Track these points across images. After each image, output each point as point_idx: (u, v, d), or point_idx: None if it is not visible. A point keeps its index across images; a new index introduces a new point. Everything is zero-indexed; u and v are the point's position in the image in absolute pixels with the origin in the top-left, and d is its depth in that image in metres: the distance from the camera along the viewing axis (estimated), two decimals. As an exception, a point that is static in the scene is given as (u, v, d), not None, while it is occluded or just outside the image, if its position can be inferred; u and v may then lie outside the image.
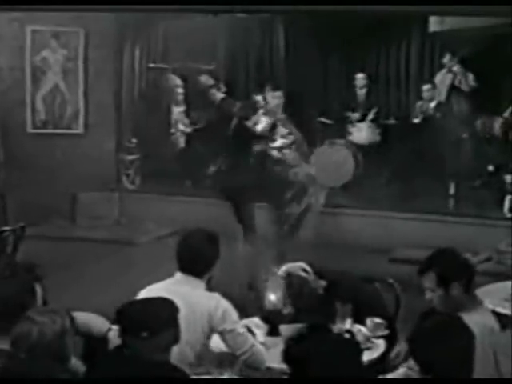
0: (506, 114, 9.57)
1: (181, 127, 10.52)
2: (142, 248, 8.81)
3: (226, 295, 3.99)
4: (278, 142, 7.66)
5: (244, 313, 4.40)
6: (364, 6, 7.11)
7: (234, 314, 3.87)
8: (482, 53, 9.84)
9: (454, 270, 3.70)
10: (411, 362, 2.96)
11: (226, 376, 3.74)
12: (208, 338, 3.87)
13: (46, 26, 9.73)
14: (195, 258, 3.97)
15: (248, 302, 4.71)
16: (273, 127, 7.70)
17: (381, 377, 3.48)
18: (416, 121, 10.16)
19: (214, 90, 10.50)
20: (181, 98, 10.59)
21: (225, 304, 3.86)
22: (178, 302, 3.28)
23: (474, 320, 3.05)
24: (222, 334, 3.85)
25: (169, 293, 3.52)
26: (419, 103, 10.29)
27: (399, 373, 3.27)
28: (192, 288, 3.87)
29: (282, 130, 7.70)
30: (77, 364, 3.24)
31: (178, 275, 3.98)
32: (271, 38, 11.66)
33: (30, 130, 9.96)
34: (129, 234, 9.29)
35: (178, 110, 10.56)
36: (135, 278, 6.10)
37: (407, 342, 2.98)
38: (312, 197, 7.76)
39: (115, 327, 3.23)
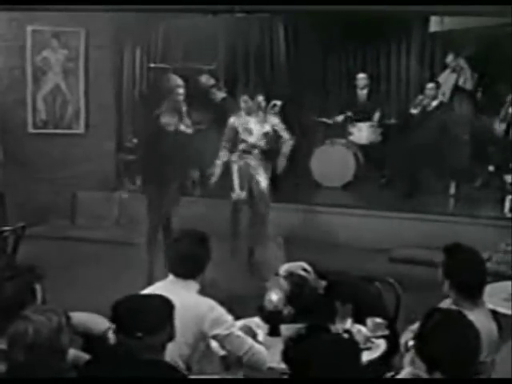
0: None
1: (182, 128, 10.49)
2: (141, 248, 8.79)
3: (225, 295, 3.98)
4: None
5: (244, 313, 4.42)
6: (365, 6, 7.13)
7: (227, 317, 3.84)
8: (482, 53, 9.85)
9: (446, 268, 3.73)
10: (418, 361, 2.97)
11: (230, 376, 3.74)
12: (199, 341, 3.84)
13: (46, 25, 9.72)
14: (186, 262, 3.94)
15: (248, 302, 4.70)
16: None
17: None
18: (413, 111, 10.12)
19: (214, 90, 10.52)
20: (181, 98, 10.57)
21: (217, 309, 3.83)
22: None
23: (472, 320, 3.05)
24: (217, 339, 3.83)
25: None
26: (420, 97, 10.25)
27: (406, 372, 3.27)
28: (185, 290, 3.84)
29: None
30: (78, 355, 3.24)
31: (171, 277, 3.96)
32: (271, 38, 11.66)
33: (30, 129, 9.95)
34: (128, 234, 9.25)
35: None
36: (135, 278, 6.11)
37: (413, 340, 2.98)
38: None
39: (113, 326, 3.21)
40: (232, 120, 7.82)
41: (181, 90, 10.54)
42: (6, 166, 8.78)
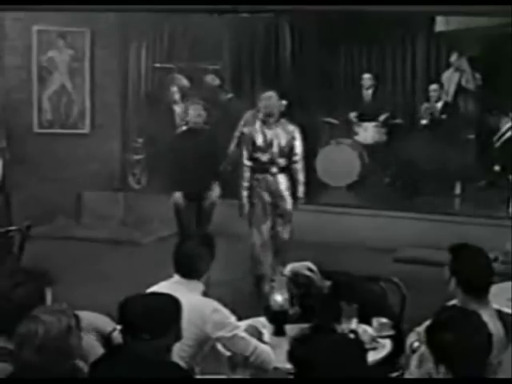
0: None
1: (184, 127, 10.48)
2: (147, 248, 8.82)
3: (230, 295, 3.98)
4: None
5: (249, 313, 4.42)
6: (370, 5, 7.12)
7: (231, 319, 3.85)
8: (487, 52, 9.84)
9: (452, 267, 3.72)
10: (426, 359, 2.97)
11: (237, 376, 3.74)
12: (202, 342, 3.84)
13: (52, 25, 9.74)
14: (192, 263, 3.97)
15: (253, 302, 4.70)
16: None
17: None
18: (424, 122, 10.15)
19: (220, 90, 10.53)
20: (179, 97, 10.56)
21: (220, 311, 3.84)
22: None
23: None
24: (220, 341, 3.84)
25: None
26: (425, 105, 10.27)
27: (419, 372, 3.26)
28: (189, 291, 3.84)
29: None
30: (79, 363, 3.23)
31: (176, 277, 3.99)
32: (277, 38, 11.66)
33: (36, 129, 9.98)
34: (134, 233, 9.29)
35: (179, 110, 10.53)
36: (140, 278, 6.10)
37: (424, 332, 2.97)
38: None
39: (120, 327, 3.21)
40: (247, 130, 7.03)
41: (176, 89, 10.55)
42: (11, 165, 8.79)
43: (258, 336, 3.97)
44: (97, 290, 6.59)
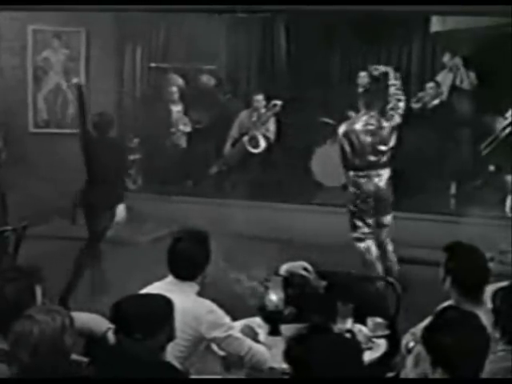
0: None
1: (181, 127, 10.50)
2: (142, 248, 8.80)
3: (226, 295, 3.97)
4: None
5: (245, 313, 4.42)
6: (366, 5, 7.12)
7: (226, 320, 3.84)
8: (483, 52, 9.84)
9: (447, 267, 3.72)
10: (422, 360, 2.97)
11: (231, 376, 3.74)
12: (197, 343, 3.84)
13: (47, 25, 9.73)
14: (186, 264, 3.94)
15: (249, 302, 4.70)
16: None
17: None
18: (414, 106, 10.14)
19: (218, 90, 10.54)
20: (178, 96, 10.56)
21: (215, 312, 3.83)
22: None
23: None
24: (215, 341, 3.83)
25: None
26: (421, 93, 10.28)
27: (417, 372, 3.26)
28: (183, 292, 3.82)
29: None
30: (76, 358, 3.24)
31: (170, 278, 3.96)
32: (273, 38, 11.65)
33: (31, 129, 9.96)
34: (130, 233, 9.26)
35: (176, 109, 10.54)
36: (136, 278, 6.08)
37: (422, 332, 2.98)
38: None
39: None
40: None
41: (176, 89, 10.57)
42: (7, 165, 8.77)
43: (254, 336, 3.97)
44: (93, 290, 6.58)
